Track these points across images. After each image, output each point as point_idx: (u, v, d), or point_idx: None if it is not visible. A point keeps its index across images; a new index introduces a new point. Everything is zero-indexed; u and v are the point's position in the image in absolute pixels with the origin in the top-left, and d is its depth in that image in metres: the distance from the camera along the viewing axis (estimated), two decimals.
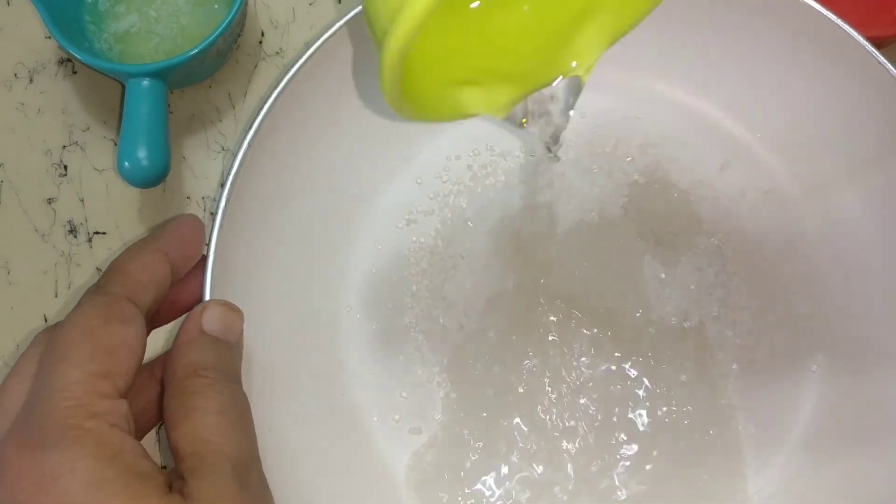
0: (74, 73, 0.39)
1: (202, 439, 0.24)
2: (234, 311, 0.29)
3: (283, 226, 0.33)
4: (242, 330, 0.29)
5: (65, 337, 0.24)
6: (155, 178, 0.34)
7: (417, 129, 0.37)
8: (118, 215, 0.38)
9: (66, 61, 0.39)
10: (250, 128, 0.31)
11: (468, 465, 0.34)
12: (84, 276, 0.37)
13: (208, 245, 0.30)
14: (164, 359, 0.28)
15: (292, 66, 0.31)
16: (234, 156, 0.31)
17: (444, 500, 0.34)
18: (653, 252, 0.36)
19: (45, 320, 0.37)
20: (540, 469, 0.34)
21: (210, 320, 0.28)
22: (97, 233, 0.38)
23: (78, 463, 0.22)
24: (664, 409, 0.34)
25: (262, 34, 0.40)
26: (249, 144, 0.31)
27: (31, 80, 0.39)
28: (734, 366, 0.35)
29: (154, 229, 0.37)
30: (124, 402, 0.24)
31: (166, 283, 0.28)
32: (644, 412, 0.34)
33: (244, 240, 0.31)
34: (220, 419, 0.25)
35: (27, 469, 0.22)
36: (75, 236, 0.38)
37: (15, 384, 0.25)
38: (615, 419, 0.34)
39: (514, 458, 0.34)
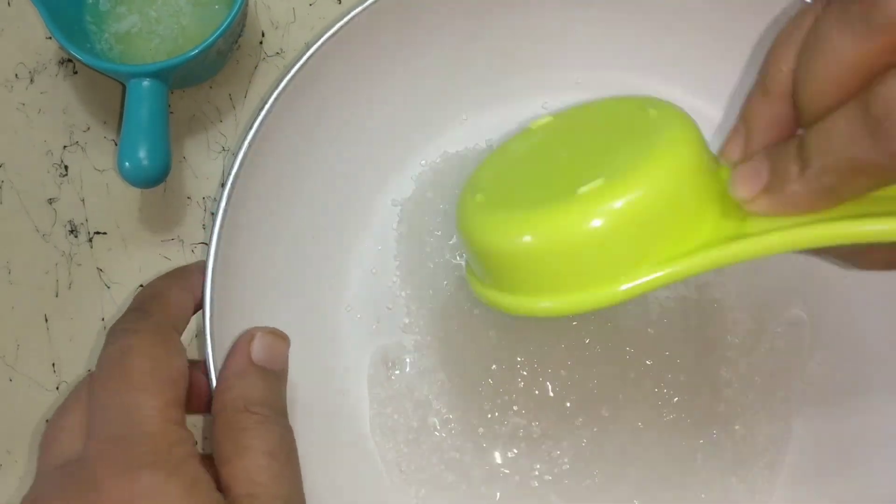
0: (75, 73, 0.39)
1: (254, 481, 0.25)
2: (281, 338, 0.30)
3: (283, 226, 0.34)
4: (288, 356, 0.30)
5: (137, 365, 0.25)
6: (155, 178, 0.34)
7: (417, 130, 0.37)
8: (119, 215, 0.38)
9: (66, 62, 0.39)
10: (251, 128, 0.31)
11: (468, 459, 0.34)
12: (85, 276, 0.37)
13: (209, 245, 0.30)
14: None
15: (293, 67, 0.31)
16: (235, 156, 0.31)
17: (447, 497, 0.34)
18: None
19: (46, 320, 0.37)
20: (538, 466, 0.34)
21: (259, 349, 0.29)
22: (98, 233, 0.38)
23: (166, 487, 0.23)
24: (665, 410, 0.35)
25: (263, 35, 0.40)
26: (250, 145, 0.31)
27: (31, 81, 0.39)
28: (734, 366, 0.35)
29: (174, 265, 0.38)
30: (191, 433, 0.26)
31: (188, 321, 0.29)
32: (644, 413, 0.34)
33: (244, 240, 0.31)
34: (271, 462, 0.26)
35: (119, 488, 0.23)
36: (76, 236, 0.38)
37: (76, 406, 0.26)
38: (615, 419, 0.34)
39: (512, 456, 0.34)
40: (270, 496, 0.25)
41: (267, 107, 0.31)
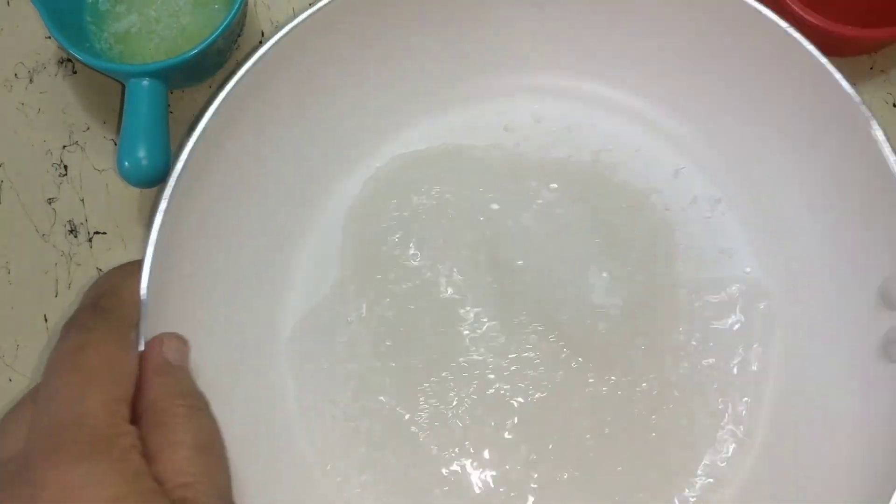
0: (74, 73, 0.39)
1: (187, 472, 0.26)
2: (183, 340, 0.30)
3: (231, 227, 0.33)
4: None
5: (90, 361, 0.26)
6: (155, 178, 0.34)
7: (369, 132, 0.37)
8: (118, 215, 0.38)
9: (66, 61, 0.39)
10: (196, 127, 0.30)
11: (404, 458, 0.34)
12: (84, 276, 0.37)
13: (146, 246, 0.30)
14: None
15: (242, 66, 0.31)
16: (178, 156, 0.30)
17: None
18: (598, 262, 0.36)
19: (46, 320, 0.37)
20: (485, 465, 0.34)
21: (170, 350, 0.29)
22: (97, 233, 0.38)
23: (104, 477, 0.23)
24: (612, 411, 0.34)
25: (263, 34, 0.40)
26: (196, 143, 0.30)
27: (31, 80, 0.39)
28: (682, 370, 0.35)
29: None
30: (134, 429, 0.26)
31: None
32: (592, 414, 0.34)
33: (186, 241, 0.31)
34: (201, 453, 0.26)
35: (54, 478, 0.23)
36: (75, 236, 0.38)
37: (22, 410, 0.26)
38: (560, 419, 0.34)
39: (460, 461, 0.34)
40: (203, 484, 0.25)
41: (214, 107, 0.31)
